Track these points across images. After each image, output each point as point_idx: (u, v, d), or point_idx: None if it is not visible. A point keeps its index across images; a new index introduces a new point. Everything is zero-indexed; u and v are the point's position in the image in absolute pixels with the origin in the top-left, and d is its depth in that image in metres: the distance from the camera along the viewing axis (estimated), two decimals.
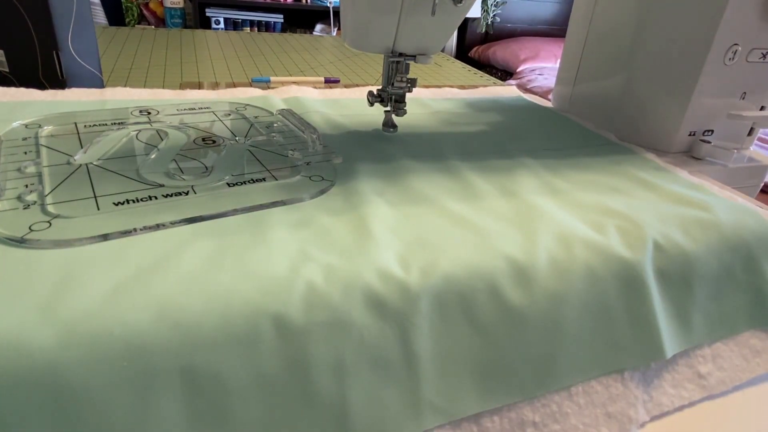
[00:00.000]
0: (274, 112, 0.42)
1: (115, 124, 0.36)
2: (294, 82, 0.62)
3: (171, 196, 0.26)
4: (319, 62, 0.79)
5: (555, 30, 2.40)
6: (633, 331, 0.26)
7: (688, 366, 0.29)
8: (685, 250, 0.28)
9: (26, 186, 0.26)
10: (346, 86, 0.63)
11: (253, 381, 0.19)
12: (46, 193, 0.26)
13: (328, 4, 2.25)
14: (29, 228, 0.22)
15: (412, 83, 0.38)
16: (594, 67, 0.51)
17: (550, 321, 0.24)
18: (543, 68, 2.00)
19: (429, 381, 0.22)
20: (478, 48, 2.32)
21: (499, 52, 2.17)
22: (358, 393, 0.21)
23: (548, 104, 0.57)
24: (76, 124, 0.36)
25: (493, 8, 2.24)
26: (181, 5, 2.27)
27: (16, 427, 0.16)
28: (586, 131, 0.46)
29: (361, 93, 0.53)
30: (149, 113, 0.39)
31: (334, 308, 0.20)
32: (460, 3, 0.33)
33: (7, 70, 0.49)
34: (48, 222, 0.23)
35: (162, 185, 0.27)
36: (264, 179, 0.29)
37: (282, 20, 2.40)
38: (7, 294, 0.18)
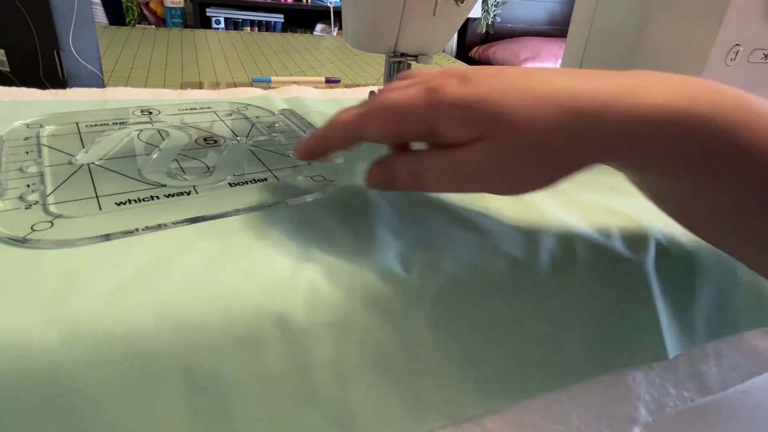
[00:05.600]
0: (276, 112, 0.42)
1: (116, 123, 0.36)
2: (295, 82, 0.62)
3: (173, 196, 0.26)
4: (319, 62, 0.79)
5: (555, 30, 2.40)
6: (635, 331, 0.26)
7: (689, 366, 0.29)
8: (687, 251, 0.28)
9: (28, 186, 0.26)
10: (347, 86, 0.63)
11: (255, 381, 0.19)
12: (48, 192, 0.26)
13: (329, 4, 2.25)
14: (31, 228, 0.22)
15: None
16: (595, 68, 0.51)
17: (551, 321, 0.24)
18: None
19: (431, 381, 0.22)
20: (479, 48, 2.32)
21: (500, 52, 2.17)
22: (361, 394, 0.21)
23: None
24: (77, 123, 0.36)
25: (493, 8, 2.24)
26: (182, 5, 2.27)
27: (18, 428, 0.16)
28: None
29: (362, 93, 0.53)
30: (150, 113, 0.39)
31: (336, 308, 0.20)
32: (462, 3, 0.33)
33: (8, 69, 0.49)
34: (50, 222, 0.23)
35: (164, 185, 0.27)
36: (266, 179, 0.29)
37: (282, 20, 2.40)
38: (9, 294, 0.18)
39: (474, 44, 2.36)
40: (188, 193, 0.27)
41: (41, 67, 0.49)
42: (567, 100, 0.20)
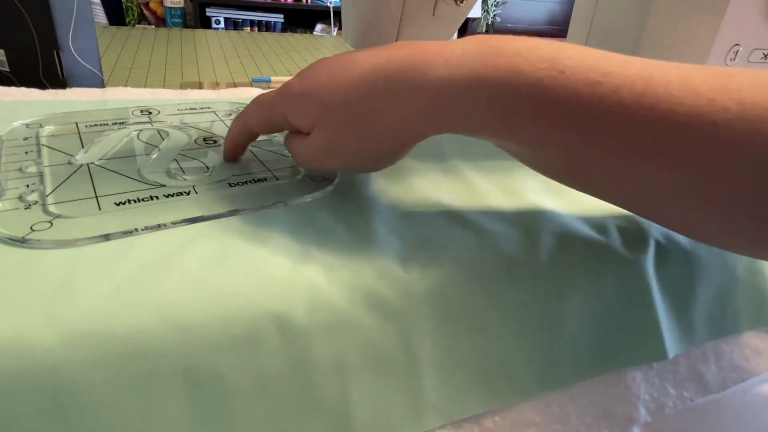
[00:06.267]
0: None
1: (116, 123, 0.36)
2: None
3: (172, 196, 0.26)
4: None
5: (555, 30, 2.40)
6: (634, 331, 0.26)
7: (689, 366, 0.29)
8: (687, 250, 0.28)
9: (27, 186, 0.26)
10: None
11: (255, 382, 0.19)
12: (48, 192, 0.26)
13: (329, 4, 2.25)
14: (30, 228, 0.22)
15: None
16: None
17: (551, 321, 0.24)
18: None
19: (430, 381, 0.22)
20: None
21: None
22: (360, 394, 0.21)
23: None
24: (77, 123, 0.36)
25: (493, 8, 2.24)
26: (182, 5, 2.27)
27: (17, 428, 0.16)
28: None
29: None
30: (150, 113, 0.39)
31: (336, 308, 0.20)
32: (462, 3, 0.33)
33: (8, 69, 0.49)
34: (49, 222, 0.23)
35: (163, 185, 0.27)
36: (265, 179, 0.29)
37: (282, 20, 2.40)
38: (9, 294, 0.18)
39: None
40: (188, 193, 0.27)
41: (41, 67, 0.49)
42: (369, 81, 0.21)
